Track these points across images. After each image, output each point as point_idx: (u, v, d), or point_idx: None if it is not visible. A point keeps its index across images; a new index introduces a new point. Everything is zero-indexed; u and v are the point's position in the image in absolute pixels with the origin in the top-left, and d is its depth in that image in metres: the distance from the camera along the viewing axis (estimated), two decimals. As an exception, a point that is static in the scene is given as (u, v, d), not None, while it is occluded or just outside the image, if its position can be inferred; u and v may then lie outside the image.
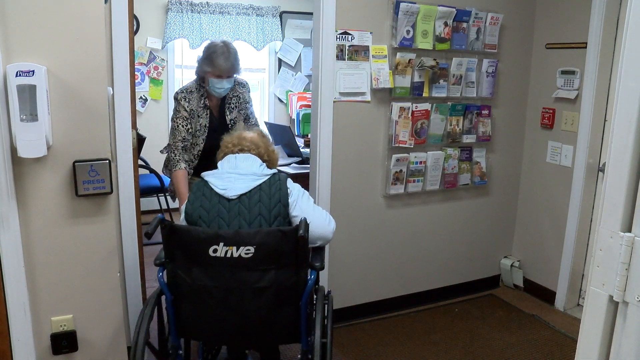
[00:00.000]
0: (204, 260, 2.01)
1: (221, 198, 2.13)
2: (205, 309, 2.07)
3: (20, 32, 1.95)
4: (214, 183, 2.16)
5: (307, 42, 5.87)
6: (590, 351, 1.15)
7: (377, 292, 3.43)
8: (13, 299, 2.08)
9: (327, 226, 2.25)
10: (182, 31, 5.32)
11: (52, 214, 2.13)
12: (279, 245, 2.01)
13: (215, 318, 2.09)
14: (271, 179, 2.19)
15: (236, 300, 2.04)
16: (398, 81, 3.12)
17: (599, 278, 1.13)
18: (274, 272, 2.03)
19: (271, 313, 2.07)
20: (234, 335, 2.17)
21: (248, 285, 2.02)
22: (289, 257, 2.03)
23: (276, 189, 2.16)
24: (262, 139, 2.41)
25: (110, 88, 2.38)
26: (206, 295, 2.04)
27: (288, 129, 4.32)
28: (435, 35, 3.16)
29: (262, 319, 2.07)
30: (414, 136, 3.22)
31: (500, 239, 3.83)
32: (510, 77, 3.55)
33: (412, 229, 3.44)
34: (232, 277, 2.01)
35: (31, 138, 1.94)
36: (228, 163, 2.25)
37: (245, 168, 2.21)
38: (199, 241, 2.00)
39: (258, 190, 2.15)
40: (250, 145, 2.32)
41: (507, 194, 3.76)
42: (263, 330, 2.12)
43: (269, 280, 2.02)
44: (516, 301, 3.65)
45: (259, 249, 1.99)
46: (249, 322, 2.08)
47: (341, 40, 2.96)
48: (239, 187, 2.14)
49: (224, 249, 1.98)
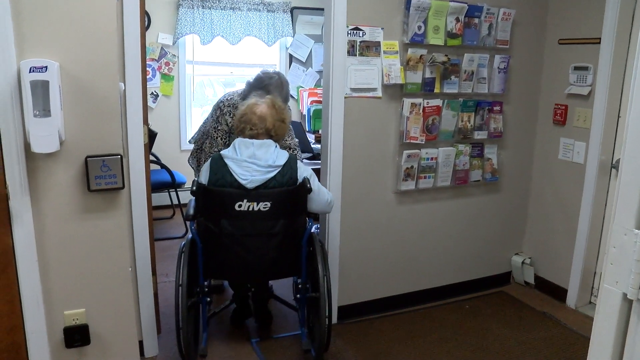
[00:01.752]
0: (230, 214, 2.56)
1: (241, 184, 2.55)
2: (230, 252, 2.62)
3: (34, 28, 1.96)
4: (234, 170, 2.57)
5: (318, 38, 5.86)
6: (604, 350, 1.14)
7: (387, 289, 3.42)
8: (27, 293, 2.10)
9: (327, 206, 2.77)
10: (193, 27, 5.32)
11: (65, 209, 2.14)
12: (289, 200, 2.61)
13: (237, 259, 2.63)
14: (284, 168, 2.61)
15: (254, 243, 2.61)
16: (409, 77, 3.10)
17: (613, 276, 1.12)
18: (283, 221, 2.61)
19: (281, 252, 2.66)
20: (249, 272, 2.71)
21: (264, 232, 2.59)
22: (295, 208, 2.65)
23: (288, 178, 2.61)
24: (271, 110, 2.74)
25: (122, 84, 2.38)
26: (231, 241, 2.60)
27: (299, 124, 4.32)
28: (447, 31, 3.14)
29: (273, 258, 2.66)
30: (425, 132, 3.20)
31: (511, 236, 3.81)
32: (522, 73, 3.52)
33: (423, 226, 3.43)
34: (252, 226, 2.58)
35: (44, 133, 1.95)
36: (246, 149, 2.62)
37: (262, 157, 2.60)
38: (228, 199, 2.55)
39: (273, 179, 2.58)
40: (259, 124, 2.68)
41: (518, 190, 3.74)
42: (274, 265, 2.69)
43: (279, 227, 2.60)
44: (527, 298, 3.63)
45: (274, 204, 2.56)
46: (263, 260, 2.65)
47: (352, 36, 2.95)
48: (257, 179, 2.56)
49: (247, 204, 2.55)
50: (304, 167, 2.72)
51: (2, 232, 2.01)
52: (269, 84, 3.14)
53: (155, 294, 2.83)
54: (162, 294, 3.17)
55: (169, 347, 2.91)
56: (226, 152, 2.66)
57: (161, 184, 4.66)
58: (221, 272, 2.82)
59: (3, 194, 1.98)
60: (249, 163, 2.58)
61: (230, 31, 5.49)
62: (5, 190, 1.98)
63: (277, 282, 3.35)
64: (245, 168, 2.57)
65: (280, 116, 2.76)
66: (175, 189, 4.85)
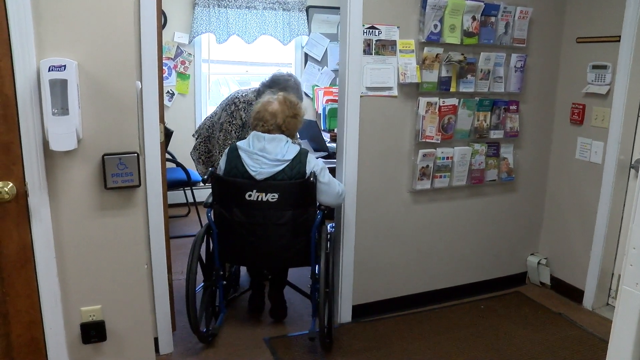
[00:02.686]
0: (241, 203, 2.74)
1: (251, 175, 2.72)
2: (240, 238, 2.80)
3: (53, 28, 1.98)
4: (246, 161, 2.75)
5: (333, 37, 5.86)
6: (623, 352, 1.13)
7: (402, 288, 3.41)
8: (45, 289, 2.13)
9: (338, 198, 2.89)
10: (209, 26, 5.35)
11: (82, 207, 2.16)
12: (296, 192, 2.74)
13: (247, 245, 2.80)
14: (293, 162, 2.75)
15: (263, 232, 2.77)
16: (425, 76, 3.09)
17: (633, 277, 1.10)
18: (291, 212, 2.75)
19: (289, 241, 2.80)
20: (260, 258, 2.87)
21: (272, 222, 2.74)
22: (303, 200, 2.77)
23: (296, 172, 2.75)
24: (282, 106, 2.88)
25: (139, 82, 2.40)
26: (241, 228, 2.77)
27: (314, 123, 4.32)
28: (463, 29, 3.12)
29: (282, 246, 2.81)
30: (440, 131, 3.19)
31: (527, 236, 3.78)
32: (539, 72, 3.48)
33: (438, 225, 3.42)
34: (261, 215, 2.74)
35: (62, 131, 1.97)
36: (258, 142, 2.78)
37: (272, 151, 2.75)
38: (238, 188, 2.73)
39: (281, 172, 2.73)
40: (271, 120, 2.83)
41: (534, 190, 3.70)
42: (283, 254, 2.84)
43: (287, 218, 2.75)
44: (543, 299, 3.60)
45: (282, 195, 2.71)
46: (272, 248, 2.81)
47: (368, 34, 2.95)
48: (265, 171, 2.72)
49: (256, 194, 2.72)
50: (315, 161, 2.84)
51: (22, 229, 2.04)
52: (287, 85, 3.33)
53: (171, 292, 2.85)
54: (177, 292, 3.18)
55: (184, 344, 2.93)
56: (241, 143, 2.83)
57: (177, 182, 4.68)
58: (233, 257, 2.99)
59: (22, 191, 2.01)
60: (258, 156, 2.75)
61: (246, 30, 5.50)
62: (25, 187, 2.01)
63: (294, 274, 3.39)
64: (255, 160, 2.75)
65: (291, 112, 2.91)
66: (191, 187, 4.87)
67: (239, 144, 2.82)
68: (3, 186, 1.96)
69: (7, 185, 1.97)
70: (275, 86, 3.32)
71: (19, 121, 1.96)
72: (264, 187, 2.71)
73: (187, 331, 2.95)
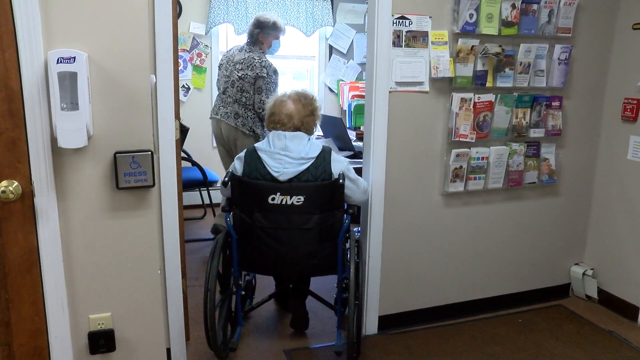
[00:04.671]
0: (263, 206, 2.73)
1: (273, 177, 2.71)
2: (262, 245, 2.79)
3: (62, 17, 1.99)
4: (267, 162, 2.74)
5: (360, 28, 5.83)
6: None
7: (433, 298, 3.38)
8: (51, 295, 2.14)
9: (363, 194, 2.93)
10: (227, 16, 5.36)
11: (92, 207, 2.17)
12: (323, 194, 2.73)
13: (269, 252, 2.80)
14: (317, 160, 2.75)
15: (287, 237, 2.77)
16: (459, 70, 3.05)
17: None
18: (318, 216, 2.75)
19: (315, 247, 2.80)
20: (284, 266, 2.87)
21: (297, 226, 2.74)
22: (330, 203, 2.76)
23: (322, 171, 2.75)
24: (298, 105, 2.92)
25: (153, 76, 2.40)
26: (263, 234, 2.77)
27: (339, 120, 4.31)
28: (502, 19, 3.07)
29: (308, 252, 2.80)
30: (475, 130, 3.15)
31: (571, 244, 3.70)
32: (586, 64, 3.41)
33: (472, 230, 3.38)
34: (285, 220, 2.73)
35: (71, 128, 1.99)
36: (279, 141, 2.80)
37: (294, 149, 2.77)
38: (261, 191, 2.71)
39: (306, 172, 2.73)
40: (288, 123, 2.87)
41: (579, 194, 3.63)
42: (308, 261, 2.83)
43: (313, 222, 2.74)
44: (589, 314, 3.51)
45: (308, 198, 2.70)
46: (296, 255, 2.80)
47: (398, 25, 2.92)
48: (289, 171, 2.72)
49: (280, 198, 2.70)
50: (339, 159, 2.86)
51: (27, 231, 2.06)
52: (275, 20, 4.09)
53: (185, 299, 2.85)
54: (191, 299, 3.19)
55: (198, 355, 2.93)
56: (260, 144, 2.84)
57: (192, 182, 4.70)
58: (254, 265, 2.99)
59: (28, 190, 2.02)
60: (281, 155, 2.75)
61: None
62: (31, 186, 2.02)
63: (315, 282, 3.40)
64: (277, 160, 2.74)
65: (307, 110, 2.94)
66: (207, 188, 4.89)
67: (257, 146, 2.82)
68: (8, 185, 1.98)
69: (12, 184, 1.98)
70: (271, 22, 4.07)
71: (25, 117, 1.97)
72: (289, 189, 2.70)
73: (201, 342, 2.95)
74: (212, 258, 2.77)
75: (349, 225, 2.87)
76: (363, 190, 2.91)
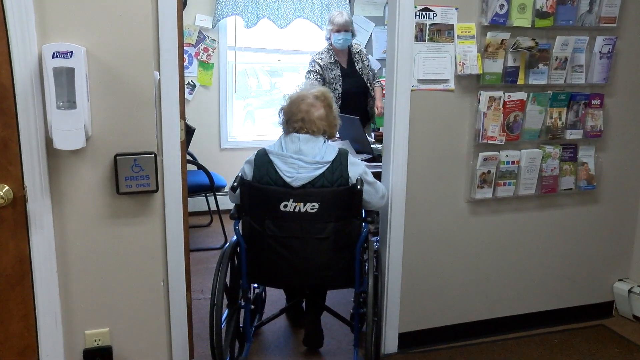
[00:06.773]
0: (275, 214, 2.73)
1: (286, 182, 2.71)
2: (274, 255, 2.79)
3: (58, 8, 1.99)
4: (279, 166, 2.73)
5: (379, 21, 5.83)
6: None
7: (458, 314, 3.36)
8: (44, 309, 2.14)
9: (381, 200, 2.91)
10: (236, 8, 5.36)
11: (90, 214, 2.17)
12: (339, 201, 2.73)
13: (281, 262, 2.80)
14: (333, 164, 2.75)
15: (301, 247, 2.77)
16: (488, 66, 3.04)
17: None
18: (334, 225, 2.74)
19: (330, 258, 2.80)
20: (296, 278, 2.89)
21: (311, 235, 2.74)
22: (347, 211, 2.76)
23: (338, 176, 2.74)
24: (327, 109, 2.94)
25: (157, 72, 2.40)
26: (275, 243, 2.77)
27: (357, 121, 4.27)
28: (536, 9, 3.04)
29: (322, 264, 2.81)
30: (505, 131, 3.13)
31: (614, 258, 3.65)
32: (632, 57, 3.35)
33: (501, 241, 3.35)
34: (299, 228, 2.73)
35: (68, 128, 1.99)
36: (292, 144, 2.81)
37: (309, 152, 2.77)
38: (273, 197, 2.71)
39: (321, 177, 2.72)
40: (319, 130, 2.88)
41: (623, 202, 3.58)
42: (322, 273, 2.84)
43: (329, 231, 2.74)
44: (637, 336, 3.45)
45: (323, 205, 2.70)
46: (310, 265, 2.81)
47: (421, 18, 2.91)
48: (303, 177, 2.71)
49: (293, 205, 2.69)
50: (357, 163, 2.87)
51: (19, 239, 2.06)
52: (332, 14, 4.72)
53: (189, 313, 2.84)
54: (196, 313, 3.18)
55: (203, 374, 2.92)
56: (271, 147, 2.83)
57: (198, 187, 4.71)
58: (265, 276, 3.00)
59: (20, 195, 2.03)
60: (294, 159, 2.74)
61: (278, 13, 5.51)
62: (23, 191, 2.03)
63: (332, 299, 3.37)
64: (290, 165, 2.74)
65: (334, 112, 3.00)
66: (214, 193, 4.89)
67: (268, 149, 2.81)
68: (-1, 189, 1.98)
69: (2, 188, 1.99)
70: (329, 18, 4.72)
71: (18, 115, 1.98)
72: (302, 196, 2.70)
73: (207, 359, 2.94)
74: (219, 269, 2.75)
75: (367, 235, 2.86)
76: (381, 195, 2.90)
